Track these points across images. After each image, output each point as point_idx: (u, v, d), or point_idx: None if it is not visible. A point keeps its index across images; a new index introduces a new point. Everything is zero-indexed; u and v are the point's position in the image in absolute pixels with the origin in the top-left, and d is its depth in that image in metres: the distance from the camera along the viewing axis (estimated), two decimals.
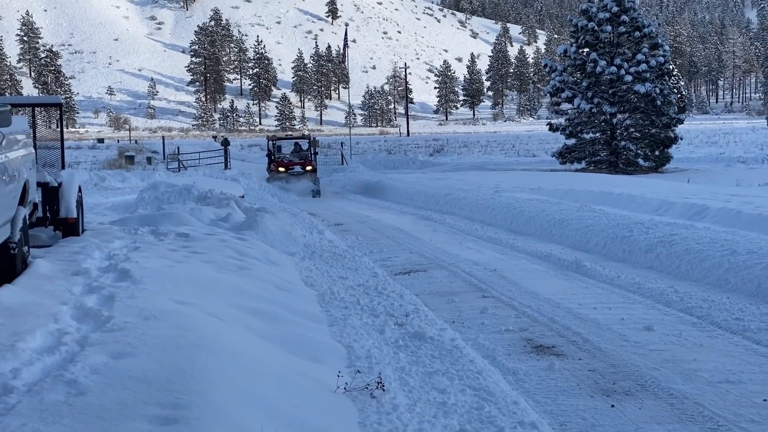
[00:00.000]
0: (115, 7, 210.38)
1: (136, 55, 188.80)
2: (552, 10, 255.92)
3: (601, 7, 40.91)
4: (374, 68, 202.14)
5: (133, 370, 5.21)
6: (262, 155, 68.01)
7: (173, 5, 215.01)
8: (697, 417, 6.63)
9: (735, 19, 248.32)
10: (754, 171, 33.52)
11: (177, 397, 4.79)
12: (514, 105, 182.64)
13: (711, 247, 12.97)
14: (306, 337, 7.55)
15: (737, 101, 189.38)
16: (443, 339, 8.31)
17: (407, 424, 5.70)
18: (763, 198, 20.17)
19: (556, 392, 7.36)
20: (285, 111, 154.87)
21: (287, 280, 10.68)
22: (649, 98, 39.36)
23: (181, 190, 20.73)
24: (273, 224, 15.47)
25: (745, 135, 66.40)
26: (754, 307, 10.19)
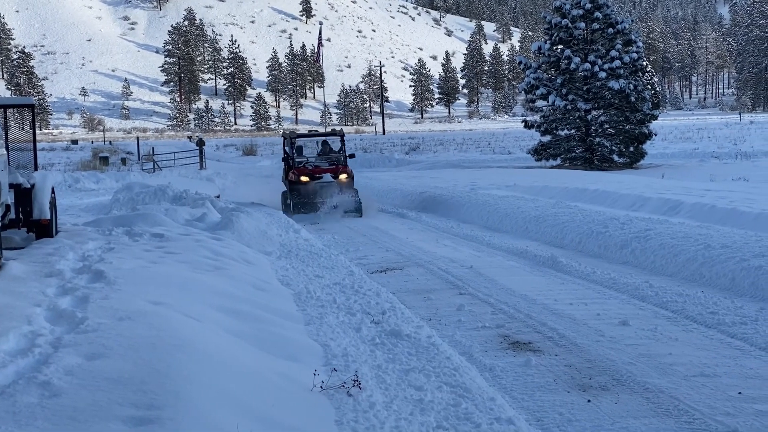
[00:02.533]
0: (87, 7, 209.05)
1: (110, 56, 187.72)
2: (526, 7, 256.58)
3: (574, 3, 41.06)
4: (349, 67, 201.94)
5: (107, 371, 5.17)
6: (237, 155, 67.94)
7: (146, 5, 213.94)
8: (672, 411, 6.66)
9: (707, 15, 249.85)
10: (727, 166, 33.72)
11: (152, 397, 4.76)
12: (489, 103, 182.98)
13: (685, 242, 13.04)
14: (282, 336, 7.53)
15: (710, 97, 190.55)
16: (420, 336, 8.30)
17: (384, 422, 5.69)
18: (736, 193, 20.33)
19: (533, 388, 7.37)
20: (260, 111, 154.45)
21: (263, 279, 10.64)
22: (623, 95, 39.54)
23: (156, 191, 20.62)
24: (248, 224, 15.42)
25: (719, 130, 66.80)
26: (728, 301, 10.24)
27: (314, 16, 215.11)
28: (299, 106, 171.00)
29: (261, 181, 39.38)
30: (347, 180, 22.96)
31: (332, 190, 22.50)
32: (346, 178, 22.96)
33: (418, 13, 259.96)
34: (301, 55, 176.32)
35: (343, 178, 22.90)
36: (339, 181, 22.80)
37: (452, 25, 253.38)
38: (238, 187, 32.15)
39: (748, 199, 18.42)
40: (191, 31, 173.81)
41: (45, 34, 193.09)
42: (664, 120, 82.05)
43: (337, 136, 24.70)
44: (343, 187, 22.69)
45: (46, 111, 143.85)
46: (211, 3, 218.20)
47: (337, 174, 22.94)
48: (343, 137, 24.53)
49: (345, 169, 23.20)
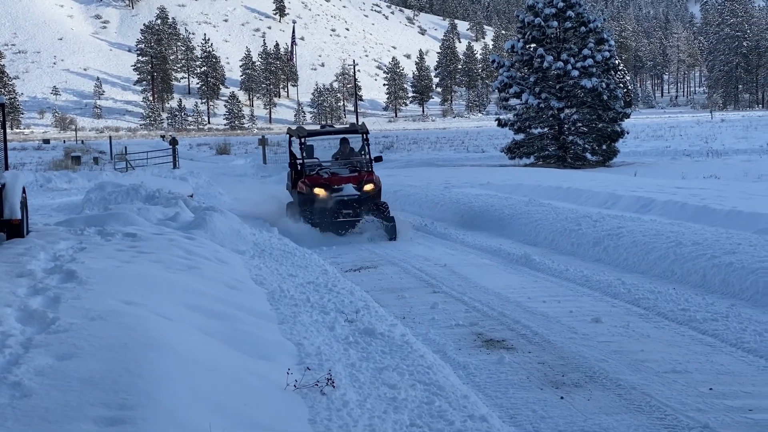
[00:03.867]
0: (59, 6, 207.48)
1: (82, 55, 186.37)
2: (499, 6, 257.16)
3: (547, 2, 41.21)
4: (323, 66, 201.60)
5: (78, 372, 5.14)
6: (210, 154, 67.59)
7: (118, 4, 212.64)
8: (644, 407, 6.71)
9: (679, 14, 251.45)
10: (699, 164, 33.97)
11: (123, 397, 4.73)
12: (463, 101, 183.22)
13: (657, 239, 13.12)
14: (256, 335, 7.51)
15: (682, 95, 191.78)
16: (394, 335, 8.31)
17: (357, 420, 5.69)
18: (708, 190, 20.48)
19: (506, 385, 7.40)
20: (234, 110, 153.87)
21: (237, 278, 10.61)
22: (595, 93, 39.75)
23: (129, 190, 20.52)
24: (222, 223, 15.37)
25: (690, 128, 67.27)
26: (699, 298, 10.32)
27: (288, 15, 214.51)
28: (273, 105, 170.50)
29: (235, 180, 39.34)
30: (374, 191, 18.03)
31: (356, 206, 17.58)
32: (372, 188, 17.96)
33: (392, 12, 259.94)
34: (274, 54, 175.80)
35: (370, 188, 17.88)
36: (364, 193, 17.83)
37: (426, 23, 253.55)
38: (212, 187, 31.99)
39: (719, 197, 18.56)
40: (164, 29, 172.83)
41: (16, 33, 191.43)
42: (636, 118, 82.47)
43: (359, 134, 19.23)
44: (369, 200, 17.85)
45: (17, 110, 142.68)
46: (184, 2, 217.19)
47: (362, 183, 17.86)
48: (367, 134, 19.04)
49: (371, 177, 18.13)
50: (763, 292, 10.07)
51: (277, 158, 50.91)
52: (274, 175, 40.32)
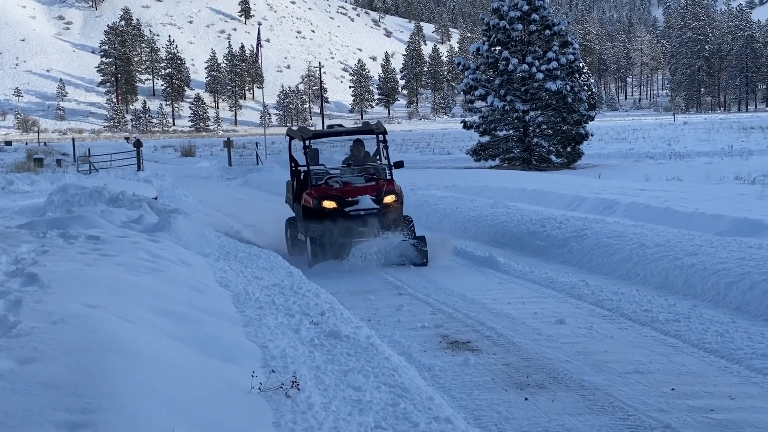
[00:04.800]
0: (21, 6, 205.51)
1: (45, 56, 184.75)
2: (464, 8, 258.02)
3: (512, 5, 41.41)
4: (288, 68, 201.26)
5: (40, 376, 5.08)
6: (175, 156, 67.27)
7: (82, 5, 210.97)
8: (607, 407, 6.76)
9: (642, 18, 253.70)
10: (661, 166, 34.26)
11: (86, 401, 4.69)
12: (428, 103, 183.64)
13: (621, 241, 13.23)
14: (220, 338, 7.47)
15: (645, 98, 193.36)
16: (359, 337, 8.30)
17: (322, 423, 5.68)
18: (670, 192, 20.65)
19: (471, 387, 7.43)
20: (199, 111, 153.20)
21: (201, 281, 10.55)
22: (560, 96, 39.99)
23: (92, 193, 20.35)
24: (187, 225, 15.27)
25: (653, 131, 67.83)
26: (662, 299, 10.42)
27: (253, 17, 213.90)
28: (238, 107, 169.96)
29: (200, 182, 39.19)
30: (395, 204, 14.81)
31: (374, 223, 14.35)
32: (394, 200, 14.77)
33: (358, 14, 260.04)
34: (240, 56, 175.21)
35: (391, 200, 14.69)
36: (384, 206, 14.61)
37: (391, 26, 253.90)
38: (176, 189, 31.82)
39: (682, 199, 18.73)
40: (128, 31, 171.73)
41: None
42: (600, 121, 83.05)
43: (374, 135, 15.91)
44: (390, 216, 14.64)
45: None
46: (148, 3, 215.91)
47: (381, 194, 14.66)
48: (385, 134, 15.71)
49: (391, 186, 14.94)
50: (725, 293, 10.18)
51: (243, 160, 50.94)
52: (240, 177, 40.36)
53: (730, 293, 10.13)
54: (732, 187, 23.07)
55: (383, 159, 15.87)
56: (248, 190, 34.30)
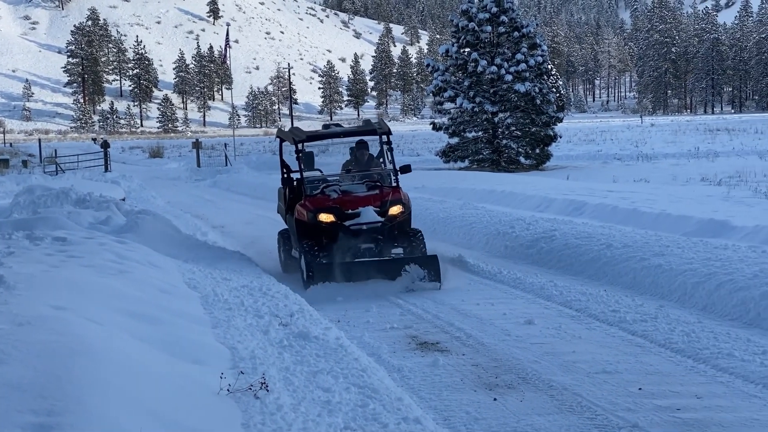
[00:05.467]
0: None
1: (10, 56, 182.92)
2: (434, 10, 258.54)
3: (480, 7, 41.51)
4: (257, 69, 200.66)
5: (5, 378, 5.04)
6: (143, 157, 66.92)
7: (48, 4, 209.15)
8: (576, 407, 6.81)
9: (610, 20, 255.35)
10: (629, 167, 34.48)
11: (52, 403, 4.65)
12: (398, 105, 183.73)
13: (589, 242, 13.31)
14: (189, 340, 7.44)
15: (613, 100, 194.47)
16: (328, 338, 8.30)
17: (291, 424, 5.67)
18: (637, 194, 20.78)
19: (440, 387, 7.45)
20: (167, 112, 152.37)
21: (169, 282, 10.50)
22: (529, 97, 40.12)
23: (59, 194, 20.18)
24: (155, 227, 15.20)
25: (621, 133, 68.26)
26: (629, 299, 10.50)
27: (221, 18, 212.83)
28: (207, 108, 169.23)
29: (168, 183, 39.00)
30: (402, 215, 13.01)
31: (380, 238, 12.66)
32: (401, 211, 12.96)
33: (327, 15, 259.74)
34: (208, 57, 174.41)
35: (397, 211, 12.86)
36: (390, 220, 12.77)
37: (361, 27, 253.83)
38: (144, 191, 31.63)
39: (649, 200, 18.86)
40: (95, 31, 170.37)
41: None
42: (568, 122, 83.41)
43: (376, 135, 13.92)
44: (396, 229, 12.95)
45: None
46: (116, 3, 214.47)
47: (386, 205, 12.80)
48: (389, 135, 13.68)
49: (397, 195, 13.06)
50: (691, 293, 10.28)
51: (211, 161, 50.81)
52: (208, 178, 40.23)
53: (696, 293, 10.22)
54: (698, 188, 23.26)
55: (387, 162, 13.91)
56: (217, 191, 34.18)
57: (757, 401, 6.79)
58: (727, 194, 20.69)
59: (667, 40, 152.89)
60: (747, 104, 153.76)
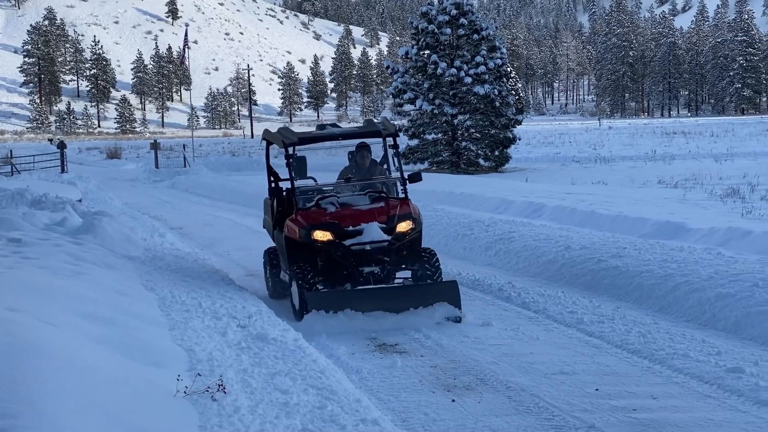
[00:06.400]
0: None
1: None
2: (393, 12, 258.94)
3: (440, 9, 41.59)
4: (217, 70, 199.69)
5: None
6: (101, 158, 66.31)
7: (4, 4, 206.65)
8: (533, 408, 6.84)
9: (568, 24, 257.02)
10: (587, 170, 34.72)
11: (5, 406, 4.58)
12: (357, 106, 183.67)
13: (547, 244, 13.39)
14: (145, 342, 7.38)
15: (572, 103, 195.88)
16: (286, 340, 8.28)
17: (249, 426, 5.64)
18: (595, 196, 20.96)
19: (399, 389, 7.46)
20: (125, 113, 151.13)
21: (126, 284, 10.41)
22: (488, 99, 40.27)
23: (14, 195, 19.96)
24: (112, 228, 15.07)
25: (579, 135, 68.73)
26: (586, 300, 10.57)
27: (180, 18, 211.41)
28: (166, 109, 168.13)
29: (126, 184, 38.67)
30: (411, 231, 10.94)
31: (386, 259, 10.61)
32: (411, 227, 10.92)
33: (287, 17, 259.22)
34: (167, 57, 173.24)
35: (406, 227, 10.82)
36: (398, 239, 10.70)
37: (321, 29, 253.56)
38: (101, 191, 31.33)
39: (607, 202, 19.02)
40: (52, 31, 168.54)
41: None
42: (527, 125, 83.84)
43: (380, 138, 11.78)
44: (405, 249, 11.03)
45: None
46: (73, 2, 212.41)
47: (393, 220, 10.75)
48: (395, 136, 11.65)
49: (406, 208, 11.05)
50: (648, 295, 10.38)
51: (170, 162, 50.51)
52: (167, 179, 39.98)
53: (653, 294, 10.33)
54: (655, 190, 23.49)
55: (393, 170, 12.06)
56: (175, 193, 33.96)
57: (711, 401, 6.87)
58: (683, 197, 20.94)
59: (625, 44, 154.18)
60: (703, 108, 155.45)
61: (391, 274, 10.72)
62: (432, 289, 10.26)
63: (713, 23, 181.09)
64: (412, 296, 10.14)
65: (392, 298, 10.11)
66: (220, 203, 28.09)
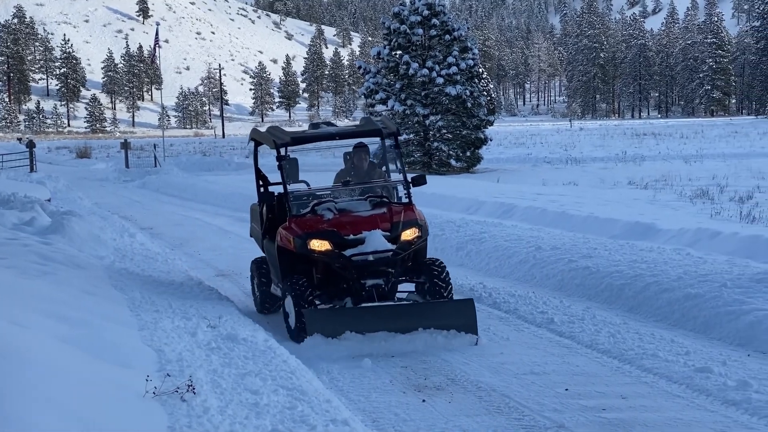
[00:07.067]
0: None
1: None
2: (366, 12, 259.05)
3: (412, 10, 41.61)
4: (188, 69, 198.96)
5: None
6: (70, 157, 65.83)
7: None
8: (503, 408, 6.86)
9: (540, 25, 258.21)
10: (558, 171, 34.86)
11: None
12: (329, 107, 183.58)
13: (518, 244, 13.43)
14: (114, 342, 7.32)
15: (543, 104, 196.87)
16: (257, 340, 8.24)
17: (218, 426, 5.61)
18: (566, 196, 21.06)
19: (369, 389, 7.45)
20: (95, 112, 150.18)
21: (95, 284, 10.34)
22: (460, 100, 40.33)
23: None
24: (81, 228, 14.97)
25: (551, 136, 69.04)
26: (557, 301, 10.61)
27: (151, 17, 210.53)
28: (136, 108, 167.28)
29: (96, 184, 38.41)
30: (417, 239, 9.90)
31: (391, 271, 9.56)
32: (416, 235, 9.86)
33: (258, 17, 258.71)
34: (137, 56, 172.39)
35: (412, 235, 9.80)
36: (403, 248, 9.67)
37: (293, 29, 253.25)
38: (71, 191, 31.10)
39: (577, 203, 19.12)
40: (21, 29, 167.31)
41: None
42: (499, 125, 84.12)
43: (379, 137, 10.69)
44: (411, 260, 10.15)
45: None
46: (42, 1, 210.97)
47: (398, 227, 9.72)
48: (397, 136, 10.72)
49: (411, 214, 10.00)
50: (618, 295, 10.43)
51: (140, 162, 50.25)
52: (137, 179, 39.74)
53: (622, 295, 10.38)
54: (625, 191, 23.62)
55: (398, 172, 10.87)
56: (146, 193, 33.75)
57: (680, 401, 6.91)
58: (653, 198, 21.08)
59: (596, 46, 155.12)
60: (673, 109, 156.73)
61: (396, 287, 9.74)
62: (446, 308, 9.25)
63: (683, 25, 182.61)
64: (424, 316, 9.08)
65: (402, 317, 9.05)
66: (191, 203, 27.96)
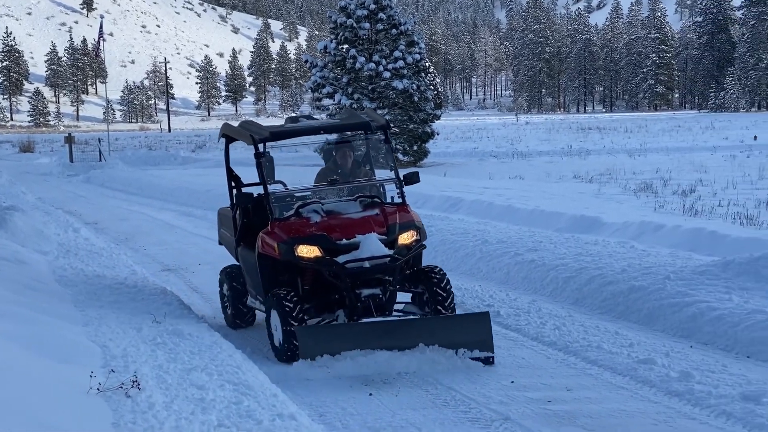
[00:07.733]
0: None
1: None
2: (312, 6, 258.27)
3: (359, 4, 41.58)
4: (133, 63, 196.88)
5: None
6: (13, 152, 64.87)
7: None
8: (450, 401, 6.89)
9: (486, 20, 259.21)
10: (504, 165, 35.07)
11: None
12: (276, 101, 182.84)
13: (465, 238, 13.49)
14: (58, 338, 7.25)
15: (490, 98, 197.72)
16: (203, 335, 8.19)
17: (163, 422, 5.57)
18: (512, 190, 21.20)
19: (316, 384, 7.44)
20: (38, 106, 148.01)
21: (38, 280, 10.21)
22: (407, 94, 40.39)
23: None
24: (24, 223, 14.77)
25: (497, 130, 69.43)
26: (503, 294, 10.69)
27: (95, 10, 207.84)
28: (81, 102, 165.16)
29: (39, 179, 37.90)
30: (415, 243, 8.85)
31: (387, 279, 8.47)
32: (414, 239, 8.83)
33: (204, 10, 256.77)
34: (82, 50, 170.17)
35: (409, 239, 8.78)
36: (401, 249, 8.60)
37: (239, 22, 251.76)
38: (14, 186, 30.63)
39: (524, 197, 19.25)
40: None
41: None
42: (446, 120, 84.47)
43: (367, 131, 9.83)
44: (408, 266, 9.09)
45: None
46: None
47: (393, 230, 8.68)
48: (387, 129, 9.56)
49: (406, 215, 9.02)
50: (563, 288, 10.53)
51: (85, 156, 49.65)
52: (82, 173, 39.30)
53: (567, 287, 10.48)
54: (571, 185, 23.83)
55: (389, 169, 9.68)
56: (90, 187, 33.36)
57: (624, 392, 7.00)
58: (598, 191, 21.29)
59: (541, 40, 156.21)
60: (617, 104, 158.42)
61: (394, 297, 8.61)
62: (459, 323, 8.21)
63: (627, 20, 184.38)
64: (435, 332, 8.06)
65: (408, 333, 8.06)
66: (136, 198, 27.71)
